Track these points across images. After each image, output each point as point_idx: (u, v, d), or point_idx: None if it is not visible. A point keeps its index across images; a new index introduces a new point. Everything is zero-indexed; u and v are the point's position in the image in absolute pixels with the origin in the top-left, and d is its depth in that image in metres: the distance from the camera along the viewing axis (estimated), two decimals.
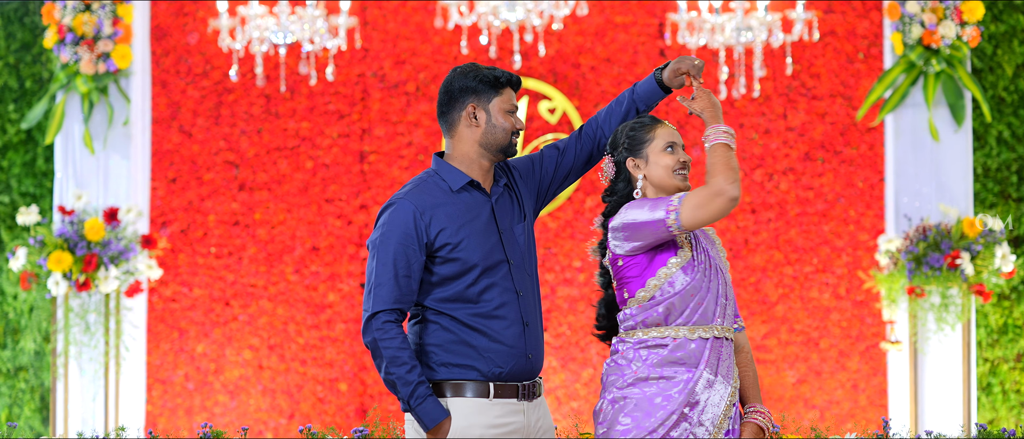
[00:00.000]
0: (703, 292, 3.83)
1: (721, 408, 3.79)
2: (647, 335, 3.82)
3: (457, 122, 3.86)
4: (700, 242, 3.90)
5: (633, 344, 3.83)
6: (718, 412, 3.79)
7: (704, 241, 3.92)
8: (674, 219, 3.76)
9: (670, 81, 4.00)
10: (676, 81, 4.00)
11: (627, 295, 3.85)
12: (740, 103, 7.65)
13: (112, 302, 7.26)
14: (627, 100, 4.04)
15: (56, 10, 7.33)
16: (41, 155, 7.82)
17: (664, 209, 3.77)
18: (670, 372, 3.79)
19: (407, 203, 3.78)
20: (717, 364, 3.82)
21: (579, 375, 7.62)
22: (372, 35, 7.73)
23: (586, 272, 7.66)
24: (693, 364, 3.80)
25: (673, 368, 3.80)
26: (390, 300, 3.72)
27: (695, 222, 3.75)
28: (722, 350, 3.84)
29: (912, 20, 7.23)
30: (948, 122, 7.31)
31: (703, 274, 3.84)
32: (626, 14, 7.72)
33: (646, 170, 3.89)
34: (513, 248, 3.86)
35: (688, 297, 3.81)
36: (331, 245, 7.70)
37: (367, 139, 7.74)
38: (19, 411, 7.74)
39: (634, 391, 3.80)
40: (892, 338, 7.27)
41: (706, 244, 3.92)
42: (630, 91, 4.06)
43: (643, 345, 3.82)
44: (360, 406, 7.63)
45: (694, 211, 3.74)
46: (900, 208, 7.32)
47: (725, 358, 3.84)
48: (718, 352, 3.83)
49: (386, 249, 3.74)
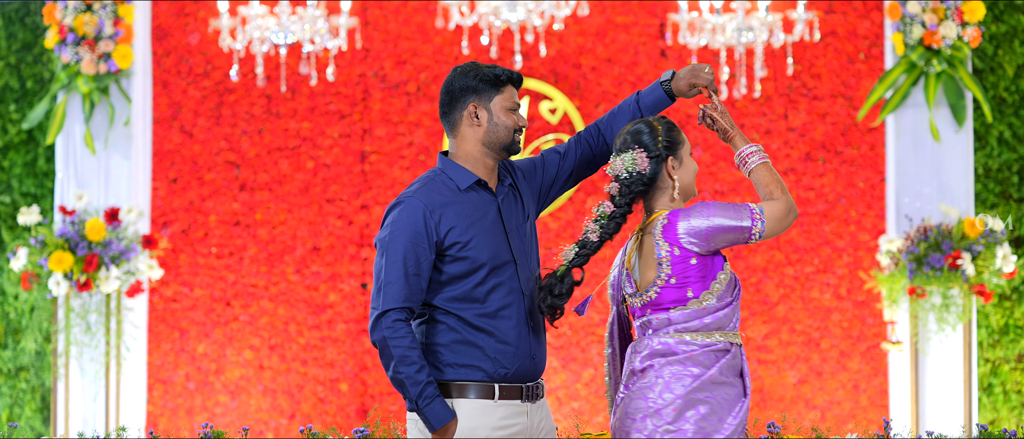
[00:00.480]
0: (736, 296, 3.92)
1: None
2: (710, 338, 3.85)
3: (459, 122, 3.86)
4: None
5: (700, 347, 3.84)
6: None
7: None
8: (759, 228, 3.83)
9: (683, 92, 4.00)
10: (691, 92, 4.00)
11: (690, 294, 3.85)
12: (741, 103, 7.65)
13: (113, 302, 7.26)
14: (632, 108, 4.04)
15: (57, 10, 7.34)
16: (42, 155, 7.82)
17: (749, 218, 3.82)
18: (733, 379, 3.87)
19: (417, 201, 3.76)
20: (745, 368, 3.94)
21: (580, 375, 7.62)
22: (373, 35, 7.73)
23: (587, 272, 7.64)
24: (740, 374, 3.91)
25: (734, 376, 3.88)
26: (400, 299, 3.71)
27: (771, 234, 3.86)
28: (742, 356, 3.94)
29: (913, 20, 7.23)
30: (949, 122, 7.31)
31: (735, 282, 3.92)
32: (627, 14, 7.72)
33: (680, 172, 3.92)
34: (519, 248, 3.86)
35: (736, 302, 3.89)
36: (332, 245, 7.70)
37: (368, 139, 7.74)
38: (20, 411, 7.74)
39: (712, 395, 3.82)
40: (893, 338, 7.27)
41: None
42: (635, 99, 4.04)
43: (710, 349, 3.84)
44: (361, 406, 7.62)
45: (775, 224, 3.85)
46: (901, 208, 7.32)
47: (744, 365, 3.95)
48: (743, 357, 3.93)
49: (395, 247, 3.73)
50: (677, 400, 3.79)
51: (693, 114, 7.44)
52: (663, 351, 3.84)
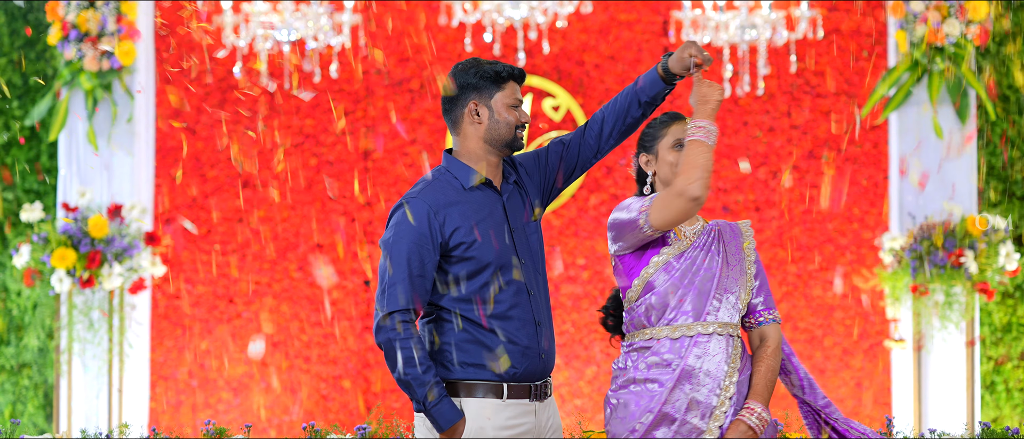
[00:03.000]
0: (684, 290, 3.80)
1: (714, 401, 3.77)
2: (633, 339, 3.83)
3: (461, 119, 3.83)
4: (702, 240, 3.88)
5: (624, 348, 3.86)
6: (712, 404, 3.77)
7: (709, 239, 3.89)
8: (644, 220, 3.76)
9: (676, 68, 3.86)
10: (682, 67, 3.85)
11: (622, 294, 3.87)
12: (744, 101, 7.65)
13: (116, 299, 7.26)
14: (629, 93, 3.95)
15: (60, 7, 7.33)
16: (45, 152, 7.82)
17: (638, 210, 3.77)
18: (656, 375, 3.80)
19: (421, 202, 3.74)
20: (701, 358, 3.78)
21: (583, 373, 7.62)
22: (376, 32, 7.72)
23: (590, 269, 7.65)
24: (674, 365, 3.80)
25: (659, 370, 3.80)
26: (405, 300, 3.68)
27: (663, 223, 3.73)
28: (708, 346, 3.79)
29: (916, 18, 7.22)
30: (952, 120, 7.31)
31: (683, 274, 3.80)
32: (630, 12, 7.72)
33: (656, 167, 3.88)
34: (524, 246, 3.84)
35: (666, 297, 3.79)
36: (335, 243, 7.70)
37: (371, 136, 7.74)
38: (23, 408, 7.74)
39: (623, 394, 3.81)
40: (896, 336, 7.26)
41: (710, 241, 3.88)
42: (633, 84, 3.98)
43: (632, 348, 3.84)
44: (364, 403, 7.63)
45: (660, 212, 3.73)
46: (904, 206, 7.31)
47: (713, 353, 3.79)
48: (705, 347, 3.79)
49: (400, 249, 3.70)
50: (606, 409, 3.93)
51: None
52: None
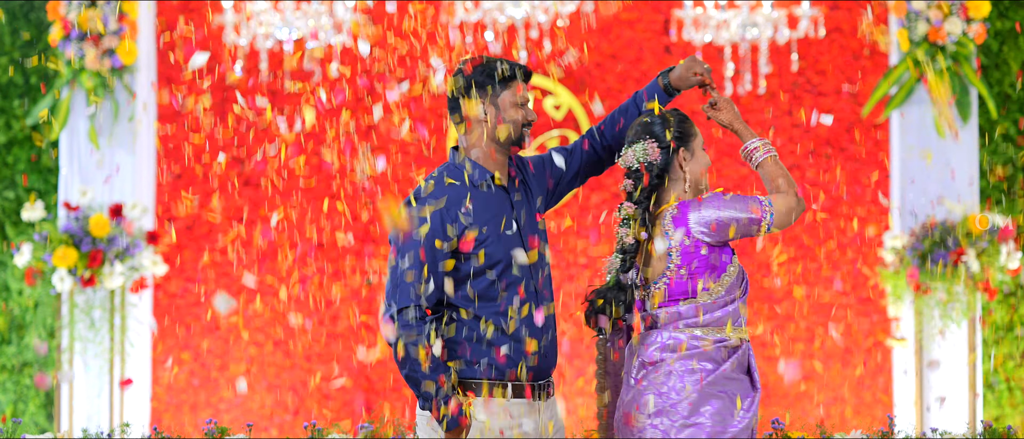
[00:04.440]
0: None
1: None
2: (720, 334, 3.85)
3: (467, 117, 3.84)
4: None
5: (713, 342, 3.84)
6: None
7: None
8: (769, 221, 3.83)
9: (680, 83, 4.01)
10: (685, 84, 4.01)
11: (700, 287, 3.83)
12: (746, 99, 7.65)
13: (117, 298, 7.26)
14: (631, 108, 4.04)
15: (61, 6, 7.33)
16: (46, 151, 7.82)
17: (759, 210, 3.82)
18: (742, 375, 3.88)
19: (429, 199, 3.75)
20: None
21: (583, 371, 7.62)
22: (377, 30, 7.72)
23: (591, 269, 7.65)
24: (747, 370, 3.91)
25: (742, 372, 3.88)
26: (414, 297, 3.68)
27: (781, 226, 3.85)
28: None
29: (918, 17, 7.22)
30: (954, 119, 7.30)
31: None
32: (632, 11, 7.72)
33: (691, 164, 3.91)
34: (531, 245, 3.85)
35: (745, 300, 3.90)
36: (337, 241, 7.70)
37: (373, 135, 7.73)
38: (24, 407, 7.74)
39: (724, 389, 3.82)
40: (897, 335, 7.27)
41: None
42: (632, 99, 4.05)
43: (722, 345, 3.85)
44: (366, 403, 7.63)
45: (784, 217, 3.85)
46: (906, 205, 7.31)
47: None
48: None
49: (408, 245, 3.71)
50: (693, 394, 3.79)
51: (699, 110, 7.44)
52: (674, 346, 3.83)
